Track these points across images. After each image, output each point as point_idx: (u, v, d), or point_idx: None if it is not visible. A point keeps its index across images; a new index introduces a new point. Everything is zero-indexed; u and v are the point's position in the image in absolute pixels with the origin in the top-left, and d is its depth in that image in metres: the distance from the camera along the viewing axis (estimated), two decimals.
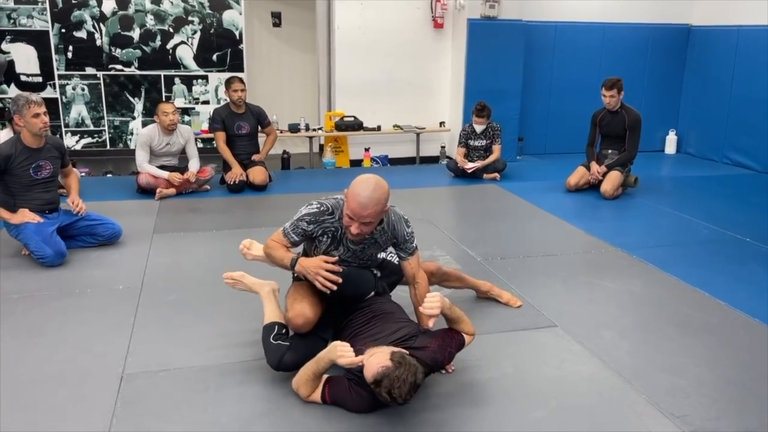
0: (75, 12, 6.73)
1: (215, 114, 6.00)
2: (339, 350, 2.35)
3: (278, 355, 2.63)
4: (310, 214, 2.68)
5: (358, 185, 2.50)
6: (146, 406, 2.47)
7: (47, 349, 2.91)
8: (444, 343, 2.53)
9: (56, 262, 3.90)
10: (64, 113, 6.97)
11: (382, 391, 2.21)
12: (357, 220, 2.50)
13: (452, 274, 3.34)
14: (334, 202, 2.68)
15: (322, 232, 2.69)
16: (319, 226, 2.68)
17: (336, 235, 2.70)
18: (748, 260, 4.20)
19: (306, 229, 2.68)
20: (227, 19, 7.14)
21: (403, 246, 2.78)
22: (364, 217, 2.48)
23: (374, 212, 2.49)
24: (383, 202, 2.53)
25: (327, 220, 2.67)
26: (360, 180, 2.53)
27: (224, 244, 4.44)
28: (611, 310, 3.43)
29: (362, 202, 2.46)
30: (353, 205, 2.47)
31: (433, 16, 7.36)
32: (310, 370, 2.45)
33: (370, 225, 2.55)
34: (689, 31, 8.03)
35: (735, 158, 7.45)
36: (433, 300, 2.47)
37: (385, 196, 2.53)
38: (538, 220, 5.16)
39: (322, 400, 2.47)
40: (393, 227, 2.72)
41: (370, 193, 2.47)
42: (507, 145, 7.02)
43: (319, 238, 2.71)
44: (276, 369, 2.63)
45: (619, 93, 5.79)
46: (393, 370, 2.20)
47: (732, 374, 2.78)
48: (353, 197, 2.48)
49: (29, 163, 3.98)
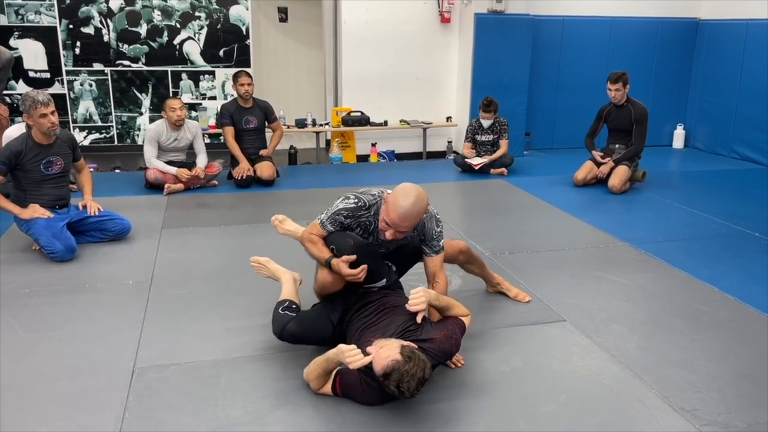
0: (82, 8, 6.75)
1: (223, 109, 6.01)
2: (348, 356, 2.32)
3: (282, 323, 2.72)
4: (348, 209, 2.75)
5: (400, 197, 2.54)
6: (158, 399, 2.49)
7: (59, 342, 2.93)
8: (449, 332, 2.54)
9: (66, 257, 3.93)
10: (72, 109, 6.99)
11: (391, 384, 2.22)
12: (393, 228, 2.57)
13: (477, 259, 3.36)
14: (371, 199, 2.75)
15: (356, 224, 2.79)
16: (355, 220, 2.77)
17: (369, 228, 2.80)
18: (757, 255, 4.19)
19: (343, 222, 2.77)
20: (234, 14, 7.14)
21: (429, 243, 2.82)
22: (401, 227, 2.57)
23: (411, 225, 2.59)
24: (421, 215, 2.62)
25: (363, 215, 2.76)
26: (402, 191, 2.57)
27: (232, 239, 4.46)
28: (620, 305, 3.42)
29: (402, 213, 2.52)
30: (392, 216, 2.54)
31: (440, 10, 7.34)
32: (320, 368, 2.46)
33: (405, 233, 2.63)
34: (697, 25, 7.99)
35: (743, 152, 7.41)
36: (417, 295, 2.50)
37: (424, 209, 2.61)
38: (545, 214, 5.15)
39: (333, 392, 2.49)
40: (423, 225, 2.78)
41: (410, 207, 2.53)
42: (514, 140, 7.01)
43: (353, 228, 2.80)
44: (279, 337, 2.73)
45: (625, 86, 5.77)
46: (403, 365, 2.21)
47: (742, 369, 2.78)
48: (394, 208, 2.53)
49: (40, 159, 4.00)
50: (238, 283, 3.65)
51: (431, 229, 2.79)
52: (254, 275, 3.72)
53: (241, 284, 3.63)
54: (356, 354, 2.33)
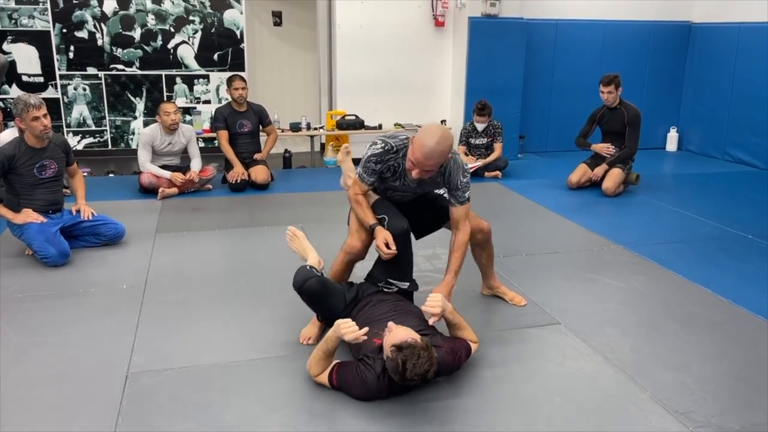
0: (76, 12, 6.74)
1: (217, 113, 6.00)
2: (343, 327, 2.44)
3: (305, 277, 2.76)
4: (376, 155, 2.86)
5: (425, 136, 2.65)
6: (151, 404, 2.48)
7: (52, 348, 2.92)
8: (456, 348, 2.59)
9: (60, 262, 3.91)
10: (66, 113, 6.97)
11: (399, 357, 2.25)
12: (419, 167, 2.67)
13: (491, 249, 3.37)
14: (398, 143, 2.85)
15: (386, 168, 2.89)
16: (384, 165, 2.88)
17: (397, 170, 2.90)
18: (751, 257, 4.20)
19: (375, 169, 2.89)
20: (228, 18, 7.14)
21: (455, 193, 2.91)
22: (427, 166, 2.66)
23: (436, 163, 2.68)
24: (446, 155, 2.70)
25: (391, 158, 2.86)
26: (427, 131, 2.67)
27: (227, 243, 4.46)
28: (614, 307, 3.43)
29: (427, 152, 2.62)
30: (418, 155, 2.64)
31: (434, 14, 7.36)
32: (320, 350, 2.53)
33: (430, 172, 2.72)
34: (690, 29, 8.03)
35: (736, 155, 7.45)
36: (435, 300, 2.56)
37: (449, 148, 2.70)
38: (540, 217, 5.16)
39: (329, 382, 2.52)
40: (449, 174, 2.86)
41: (434, 145, 2.62)
42: (508, 143, 7.02)
43: (384, 173, 2.92)
44: (298, 290, 2.76)
45: (617, 89, 5.79)
46: (420, 348, 2.28)
47: (736, 371, 2.79)
48: (419, 147, 2.63)
49: (33, 163, 3.98)
50: (232, 287, 3.64)
51: (457, 178, 2.87)
52: (248, 279, 3.73)
53: (236, 289, 3.62)
54: (351, 325, 2.43)
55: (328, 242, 3.64)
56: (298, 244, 3.14)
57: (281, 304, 3.39)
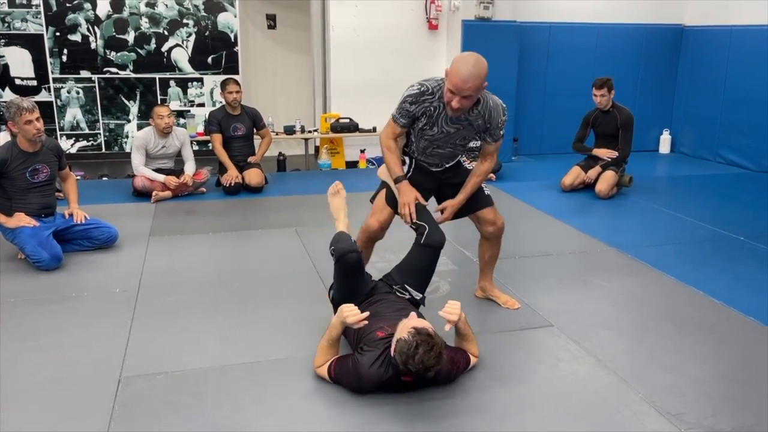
0: (69, 15, 6.72)
1: (211, 116, 6.00)
2: (346, 311, 2.53)
3: (351, 247, 2.78)
4: (412, 95, 2.88)
5: (459, 62, 2.71)
6: (144, 409, 2.47)
7: (45, 352, 2.91)
8: (456, 358, 2.62)
9: (52, 265, 3.90)
10: (59, 117, 6.95)
11: (417, 339, 2.28)
12: (458, 94, 2.70)
13: (498, 248, 3.40)
14: (434, 84, 2.87)
15: (422, 112, 2.90)
16: (419, 106, 2.88)
17: (433, 114, 2.90)
18: (743, 259, 4.22)
19: (409, 110, 2.90)
20: (222, 21, 7.14)
21: (493, 131, 3.00)
22: (465, 90, 2.68)
23: (474, 86, 2.70)
24: (482, 77, 2.72)
25: (427, 100, 2.87)
26: (460, 57, 2.75)
27: (221, 247, 4.45)
28: (607, 310, 3.44)
29: (463, 76, 2.66)
30: (455, 80, 2.67)
31: (427, 17, 7.37)
32: (325, 339, 2.61)
33: (470, 99, 2.75)
34: (682, 32, 8.07)
35: (729, 157, 7.48)
36: (453, 306, 2.59)
37: (485, 71, 2.72)
38: (533, 220, 5.17)
39: (328, 374, 2.57)
40: (489, 113, 2.92)
41: (470, 68, 2.67)
42: (502, 146, 6.98)
43: (419, 118, 2.92)
44: (340, 257, 2.75)
45: (610, 92, 5.82)
46: (437, 343, 2.32)
47: (728, 372, 2.80)
48: (455, 73, 2.68)
49: (26, 167, 3.97)
50: (226, 290, 3.64)
51: (497, 117, 2.95)
52: (242, 283, 3.73)
53: (229, 292, 3.62)
54: (353, 309, 2.51)
55: (323, 245, 3.63)
56: (338, 202, 3.15)
57: (275, 307, 3.39)
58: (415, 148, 3.10)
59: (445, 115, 2.90)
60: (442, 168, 3.18)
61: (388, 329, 2.54)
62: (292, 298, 3.51)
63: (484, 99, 2.90)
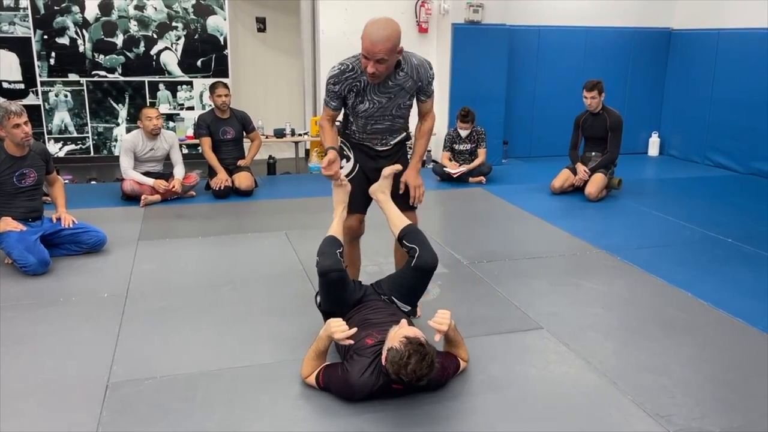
0: (57, 18, 6.68)
1: (200, 120, 5.98)
2: (333, 326, 2.51)
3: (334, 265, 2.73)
4: (333, 76, 2.90)
5: (368, 26, 2.70)
6: (132, 414, 2.45)
7: (32, 358, 2.88)
8: (446, 365, 2.61)
9: (40, 270, 3.86)
10: (47, 120, 6.90)
11: (409, 348, 2.27)
12: (371, 59, 2.69)
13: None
14: (353, 60, 2.88)
15: (348, 89, 2.91)
16: (344, 85, 2.90)
17: (360, 89, 2.91)
18: (731, 261, 4.25)
19: (335, 91, 2.92)
20: (211, 24, 7.12)
21: (426, 88, 3.02)
22: (377, 53, 2.66)
23: (385, 48, 2.67)
24: (393, 39, 2.69)
25: (350, 77, 2.89)
26: (371, 21, 2.72)
27: (210, 251, 4.43)
28: (596, 312, 3.45)
29: (373, 39, 2.65)
30: (366, 44, 2.68)
31: (417, 20, 7.39)
32: (312, 350, 2.59)
33: (384, 63, 2.72)
34: (670, 35, 8.13)
35: (717, 160, 7.54)
36: (444, 316, 2.58)
37: (396, 33, 2.70)
38: (523, 222, 5.18)
39: (317, 383, 2.55)
40: (416, 71, 2.92)
41: (380, 30, 2.66)
42: (492, 149, 7.05)
43: (347, 96, 2.94)
44: (322, 273, 2.73)
45: (600, 94, 5.84)
46: (429, 352, 2.30)
47: (716, 374, 2.81)
48: (366, 37, 2.68)
49: (13, 171, 3.94)
50: (215, 295, 3.62)
51: (426, 72, 2.95)
52: (233, 287, 3.71)
53: (219, 296, 3.60)
54: (341, 324, 2.49)
55: (313, 249, 3.62)
56: (339, 195, 3.08)
57: (264, 312, 3.38)
58: (356, 128, 3.10)
59: (372, 86, 2.90)
60: (389, 147, 3.15)
61: (377, 336, 2.53)
62: (282, 303, 3.50)
63: (407, 59, 2.89)
